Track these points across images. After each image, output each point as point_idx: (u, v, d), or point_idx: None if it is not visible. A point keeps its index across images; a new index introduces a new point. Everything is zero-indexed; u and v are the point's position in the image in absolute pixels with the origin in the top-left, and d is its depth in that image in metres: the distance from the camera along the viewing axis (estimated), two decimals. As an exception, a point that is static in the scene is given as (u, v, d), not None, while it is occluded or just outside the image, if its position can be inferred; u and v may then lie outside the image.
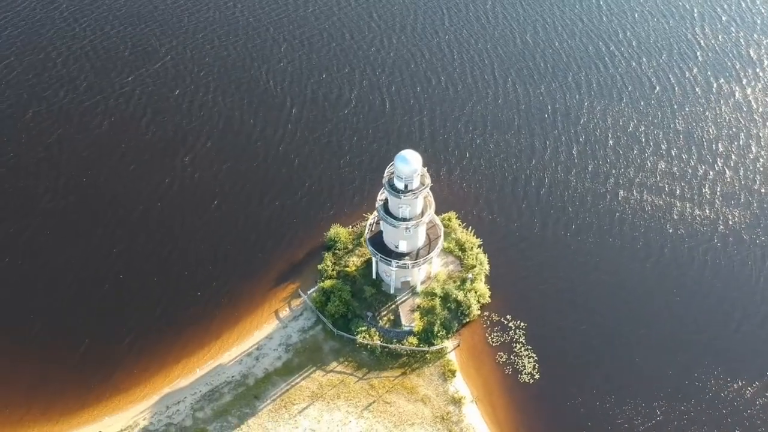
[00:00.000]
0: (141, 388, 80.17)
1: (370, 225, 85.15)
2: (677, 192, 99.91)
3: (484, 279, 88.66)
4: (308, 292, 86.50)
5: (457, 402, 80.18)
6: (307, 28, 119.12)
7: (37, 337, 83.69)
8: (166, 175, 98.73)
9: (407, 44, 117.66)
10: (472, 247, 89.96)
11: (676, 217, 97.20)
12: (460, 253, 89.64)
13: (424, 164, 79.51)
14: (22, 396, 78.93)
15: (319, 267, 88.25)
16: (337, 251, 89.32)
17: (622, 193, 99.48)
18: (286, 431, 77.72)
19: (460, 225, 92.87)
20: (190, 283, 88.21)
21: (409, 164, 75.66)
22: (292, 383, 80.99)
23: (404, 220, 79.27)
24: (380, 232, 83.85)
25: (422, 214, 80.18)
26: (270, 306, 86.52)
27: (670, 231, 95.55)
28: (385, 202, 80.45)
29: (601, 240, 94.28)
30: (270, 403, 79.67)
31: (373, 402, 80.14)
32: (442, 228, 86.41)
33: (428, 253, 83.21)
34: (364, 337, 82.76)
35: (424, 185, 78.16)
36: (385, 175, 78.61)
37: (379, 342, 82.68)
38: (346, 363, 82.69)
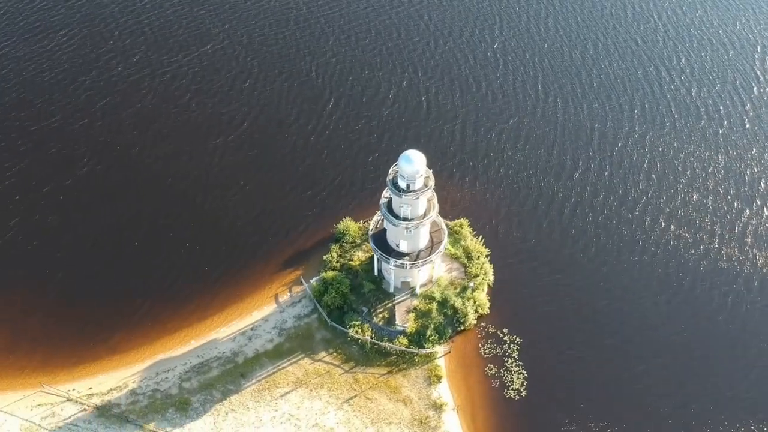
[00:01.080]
0: (137, 352, 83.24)
1: (375, 222, 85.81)
2: (707, 226, 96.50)
3: (486, 289, 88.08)
4: (310, 281, 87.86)
5: (438, 408, 79.94)
6: (357, 24, 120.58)
7: (52, 291, 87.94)
8: (199, 153, 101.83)
9: (455, 48, 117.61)
10: (479, 256, 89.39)
11: (701, 252, 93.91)
12: (465, 261, 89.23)
13: (449, 169, 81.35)
14: (27, 345, 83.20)
15: (324, 257, 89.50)
16: (345, 244, 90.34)
17: (648, 221, 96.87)
18: (266, 412, 79.33)
19: (471, 233, 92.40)
20: (199, 258, 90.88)
21: (412, 164, 75.95)
22: (280, 367, 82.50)
23: (405, 219, 79.60)
24: (384, 230, 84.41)
25: (425, 215, 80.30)
26: (271, 289, 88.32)
27: (692, 265, 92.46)
28: (389, 201, 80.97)
29: (618, 267, 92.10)
30: (255, 383, 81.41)
31: (355, 396, 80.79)
32: (446, 232, 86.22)
33: (428, 256, 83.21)
34: (356, 332, 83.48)
35: (427, 187, 78.28)
36: (390, 172, 79.16)
37: (369, 338, 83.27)
38: (334, 354, 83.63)
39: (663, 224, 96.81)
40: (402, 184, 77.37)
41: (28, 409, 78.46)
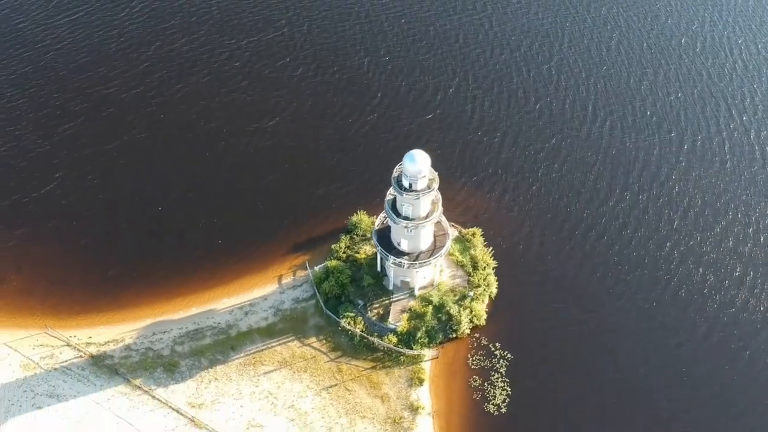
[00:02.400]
0: (140, 310, 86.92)
1: (382, 218, 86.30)
2: (737, 274, 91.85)
3: (486, 301, 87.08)
4: (314, 267, 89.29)
5: (414, 409, 79.70)
6: (418, 26, 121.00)
7: (76, 243, 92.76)
8: (239, 134, 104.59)
9: (511, 60, 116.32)
10: (485, 267, 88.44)
11: (725, 300, 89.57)
12: (471, 270, 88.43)
13: (479, 179, 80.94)
14: (43, 289, 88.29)
15: (333, 247, 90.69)
16: (355, 237, 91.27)
17: (676, 260, 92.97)
18: (247, 387, 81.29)
19: (483, 243, 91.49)
20: (216, 230, 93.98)
21: (416, 164, 76.16)
22: (269, 345, 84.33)
23: (406, 218, 79.79)
24: (390, 227, 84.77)
25: (427, 217, 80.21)
26: (277, 270, 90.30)
27: (712, 312, 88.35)
28: (394, 198, 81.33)
29: (634, 306, 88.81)
30: (242, 356, 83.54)
31: (335, 385, 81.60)
32: (451, 237, 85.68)
33: (428, 258, 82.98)
34: (348, 323, 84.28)
35: (429, 189, 78.20)
36: (395, 170, 79.54)
37: (360, 331, 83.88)
38: (324, 341, 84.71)
39: (690, 265, 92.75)
40: (405, 183, 77.67)
41: (30, 347, 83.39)
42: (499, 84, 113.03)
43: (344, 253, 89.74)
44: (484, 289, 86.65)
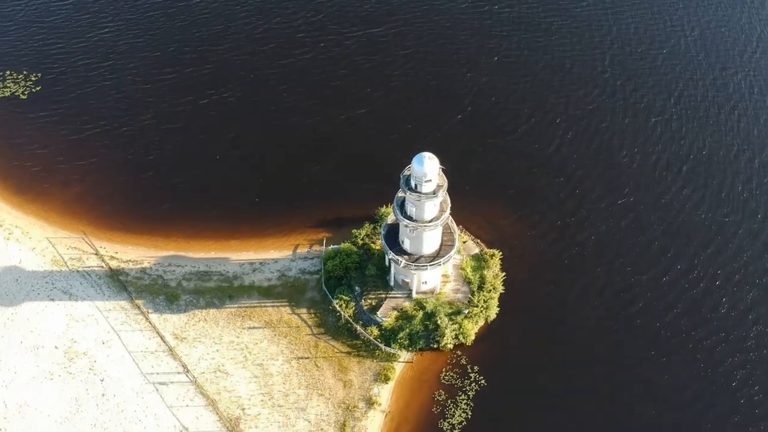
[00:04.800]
0: (166, 241, 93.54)
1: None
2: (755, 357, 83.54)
3: (481, 323, 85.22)
4: (329, 246, 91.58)
5: (370, 403, 80.00)
6: (527, 54, 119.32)
7: (140, 174, 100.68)
8: (321, 115, 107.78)
9: (613, 102, 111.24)
10: (490, 290, 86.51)
11: (745, 375, 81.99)
12: (475, 288, 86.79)
13: (528, 207, 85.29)
14: (95, 199, 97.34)
15: (353, 231, 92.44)
16: (378, 227, 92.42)
17: (698, 332, 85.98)
18: (228, 335, 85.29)
19: (499, 266, 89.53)
20: (258, 189, 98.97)
21: (422, 167, 76.40)
22: (263, 304, 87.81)
23: (410, 219, 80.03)
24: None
25: (431, 221, 79.91)
26: (296, 239, 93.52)
27: (729, 390, 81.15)
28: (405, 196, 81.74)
29: (634, 373, 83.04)
30: (236, 307, 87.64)
31: (307, 358, 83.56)
32: (456, 249, 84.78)
33: (426, 263, 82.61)
34: (339, 304, 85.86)
35: (435, 194, 77.92)
36: (407, 168, 79.75)
37: (346, 315, 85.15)
38: (312, 315, 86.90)
39: (711, 329, 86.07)
40: (412, 183, 78.08)
41: (65, 247, 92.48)
42: (589, 120, 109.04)
43: (362, 240, 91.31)
44: (481, 311, 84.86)
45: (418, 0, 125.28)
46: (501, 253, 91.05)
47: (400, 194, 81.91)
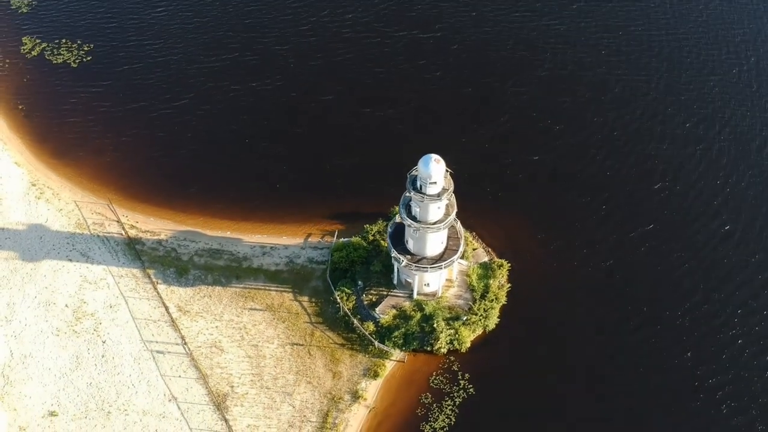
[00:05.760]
0: (186, 216, 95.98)
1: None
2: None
3: (478, 332, 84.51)
4: (340, 239, 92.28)
5: (356, 397, 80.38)
6: (584, 67, 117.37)
7: (175, 150, 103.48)
8: (349, 114, 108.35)
9: (666, 122, 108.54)
10: (492, 300, 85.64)
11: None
12: (477, 297, 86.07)
13: (556, 230, 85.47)
14: (125, 170, 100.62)
15: (366, 226, 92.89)
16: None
17: (728, 408, 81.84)
18: (229, 314, 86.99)
19: (506, 277, 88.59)
20: (281, 175, 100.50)
21: (428, 168, 76.40)
22: (267, 288, 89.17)
23: (413, 218, 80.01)
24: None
25: (434, 224, 79.69)
26: (309, 228, 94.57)
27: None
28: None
29: (641, 412, 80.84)
30: (241, 288, 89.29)
31: (302, 345, 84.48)
32: (459, 252, 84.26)
33: (426, 265, 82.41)
34: (340, 296, 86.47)
35: (439, 197, 77.70)
36: (415, 167, 79.62)
37: (345, 307, 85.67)
38: (313, 304, 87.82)
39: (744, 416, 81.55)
40: (417, 183, 78.10)
41: (90, 212, 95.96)
42: (625, 143, 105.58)
43: (372, 236, 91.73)
44: (480, 319, 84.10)
45: (468, 7, 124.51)
46: (510, 264, 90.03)
47: (407, 194, 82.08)
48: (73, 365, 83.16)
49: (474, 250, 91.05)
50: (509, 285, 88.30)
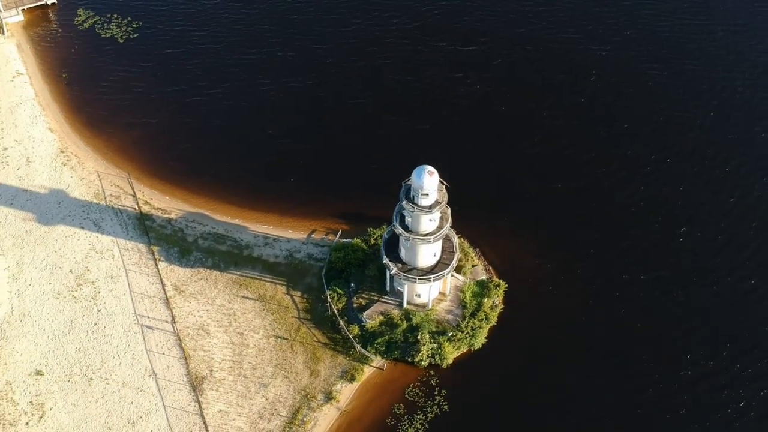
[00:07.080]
0: (197, 198, 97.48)
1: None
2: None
3: (462, 349, 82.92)
4: (343, 239, 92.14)
5: (329, 397, 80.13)
6: (629, 99, 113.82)
7: (204, 136, 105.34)
8: (376, 121, 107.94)
9: (707, 166, 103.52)
10: (482, 319, 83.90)
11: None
12: (467, 314, 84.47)
13: (571, 254, 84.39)
14: (149, 147, 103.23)
15: (369, 230, 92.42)
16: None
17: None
18: (221, 298, 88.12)
19: (500, 297, 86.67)
20: (297, 169, 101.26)
21: (420, 179, 75.65)
22: (262, 278, 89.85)
23: (405, 228, 79.22)
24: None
25: (425, 236, 78.66)
26: (314, 224, 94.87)
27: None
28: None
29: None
30: (237, 275, 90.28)
31: (286, 339, 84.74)
32: (451, 267, 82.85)
33: (417, 277, 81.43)
34: (330, 296, 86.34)
35: (430, 210, 76.66)
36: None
37: (334, 308, 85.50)
38: (303, 300, 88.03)
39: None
40: (410, 193, 77.35)
41: (109, 183, 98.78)
42: (659, 185, 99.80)
43: (374, 239, 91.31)
44: (466, 337, 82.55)
45: (516, 24, 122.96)
46: (507, 285, 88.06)
47: (400, 203, 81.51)
48: (66, 329, 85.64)
49: (473, 266, 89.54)
50: (503, 306, 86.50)
